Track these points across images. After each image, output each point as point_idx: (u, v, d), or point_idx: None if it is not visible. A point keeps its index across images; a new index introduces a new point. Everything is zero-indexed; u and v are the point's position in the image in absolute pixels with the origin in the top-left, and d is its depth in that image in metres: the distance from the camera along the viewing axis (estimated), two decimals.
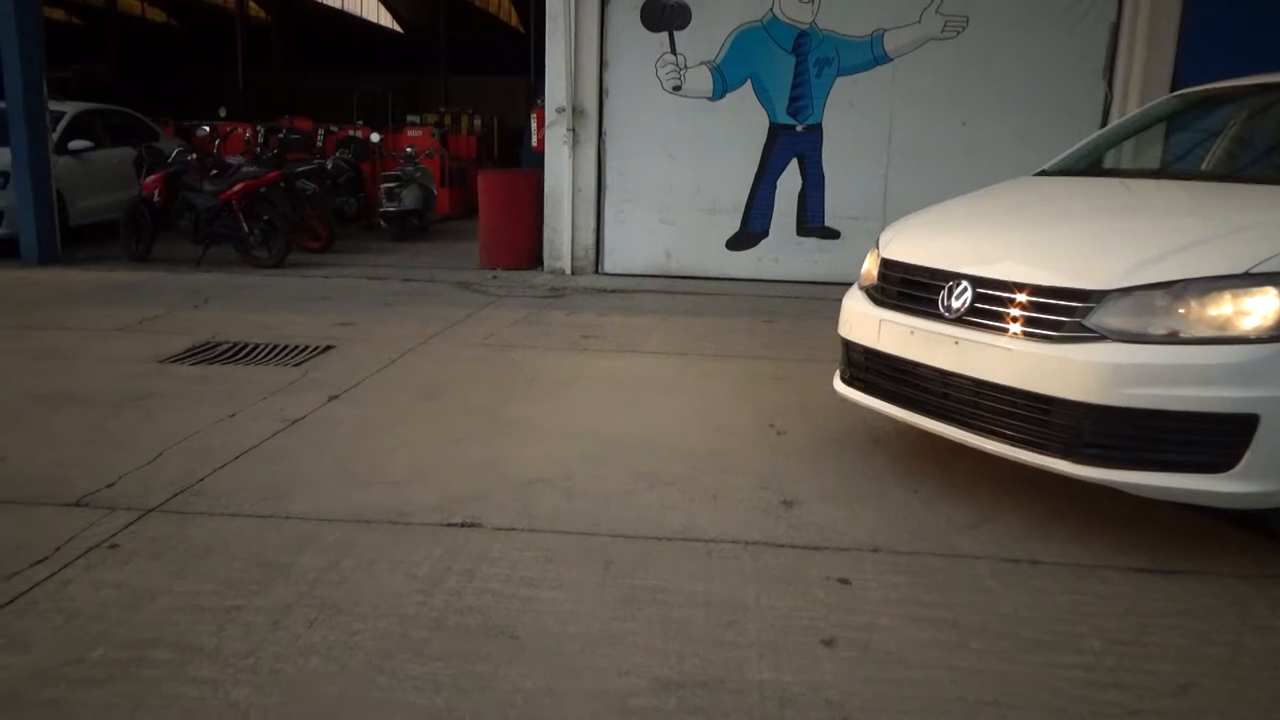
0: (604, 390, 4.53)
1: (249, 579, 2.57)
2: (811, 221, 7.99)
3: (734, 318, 6.46)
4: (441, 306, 6.55)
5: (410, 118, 15.54)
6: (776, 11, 7.81)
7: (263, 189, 8.17)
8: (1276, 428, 2.56)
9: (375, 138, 11.62)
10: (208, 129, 12.13)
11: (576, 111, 7.97)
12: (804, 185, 7.95)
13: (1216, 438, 2.61)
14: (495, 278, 7.85)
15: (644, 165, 8.06)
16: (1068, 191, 3.75)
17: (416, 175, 10.57)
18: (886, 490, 3.31)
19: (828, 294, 6.40)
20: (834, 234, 7.89)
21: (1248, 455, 2.57)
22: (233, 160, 9.14)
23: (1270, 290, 2.60)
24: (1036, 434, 2.84)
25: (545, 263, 8.20)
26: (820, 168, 7.91)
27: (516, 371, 4.86)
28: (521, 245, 8.31)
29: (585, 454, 3.61)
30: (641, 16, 7.92)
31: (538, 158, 8.31)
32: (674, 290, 7.49)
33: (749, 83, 7.91)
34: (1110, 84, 7.54)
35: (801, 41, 7.85)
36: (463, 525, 2.95)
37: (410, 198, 10.31)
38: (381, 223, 10.49)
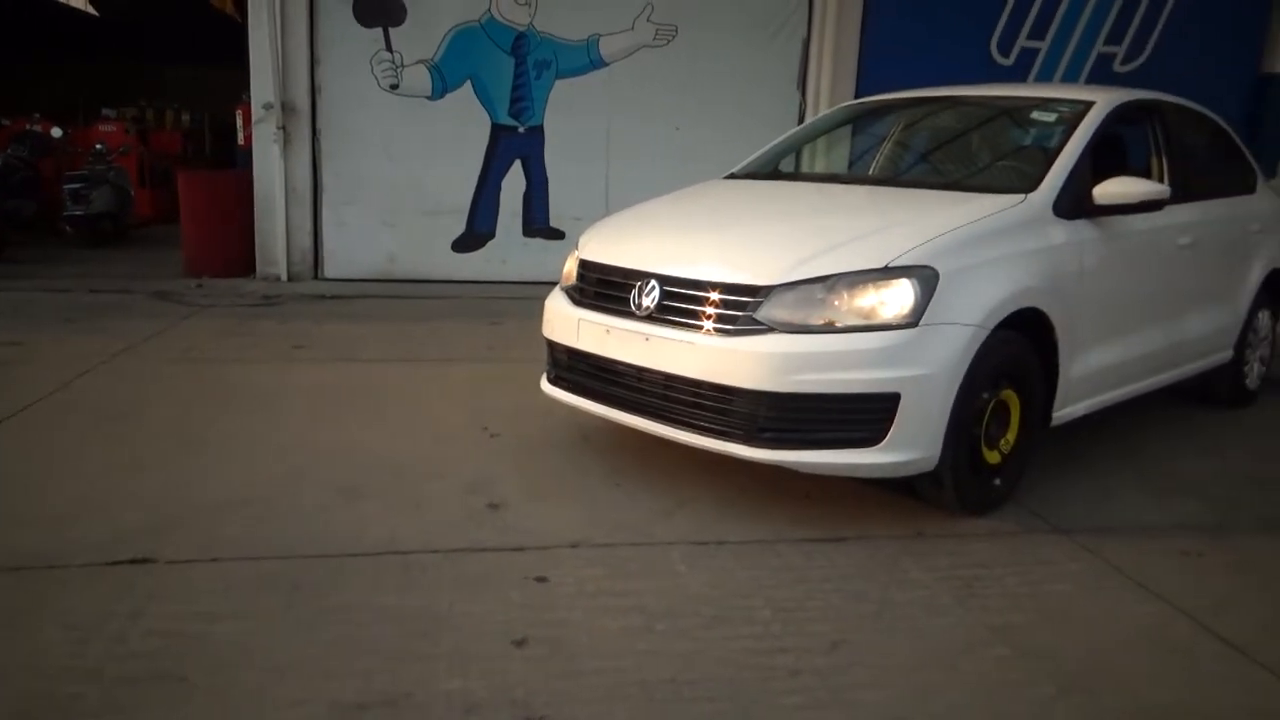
0: (312, 402, 4.31)
1: None
2: (537, 222, 8.06)
3: (458, 321, 6.39)
4: (134, 320, 5.95)
5: (106, 111, 14.00)
6: (494, 12, 7.79)
7: None
8: (914, 403, 2.89)
9: (57, 133, 10.35)
10: None
11: (287, 108, 7.53)
12: (528, 186, 8.01)
13: (868, 415, 2.90)
14: (200, 286, 7.25)
15: (363, 166, 7.76)
16: (749, 194, 4.03)
17: (109, 175, 9.54)
18: (591, 485, 3.39)
19: None
20: (559, 234, 8.00)
21: (893, 429, 2.89)
22: None
23: (905, 281, 2.93)
24: (721, 422, 3.02)
25: (258, 269, 7.68)
26: (544, 169, 8.00)
27: (216, 387, 4.51)
28: (231, 251, 7.73)
29: (284, 471, 3.42)
30: (354, 11, 7.62)
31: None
32: (398, 295, 7.28)
33: (469, 83, 7.83)
34: (804, 93, 8.20)
35: (520, 43, 7.88)
36: (133, 561, 2.69)
37: (101, 200, 9.30)
38: (67, 228, 9.36)
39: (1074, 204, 3.42)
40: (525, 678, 2.20)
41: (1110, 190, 3.45)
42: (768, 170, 4.39)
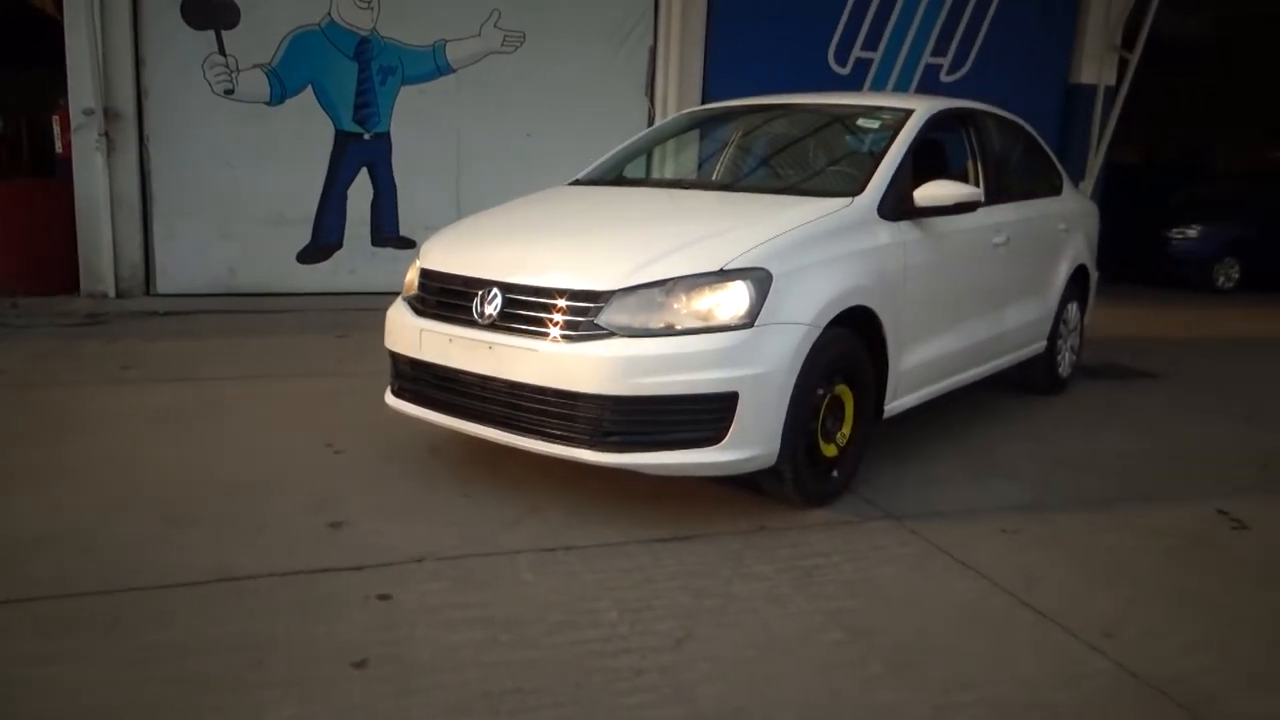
0: (141, 426, 4.07)
1: None
2: (387, 231, 7.87)
3: (304, 335, 6.17)
4: None
5: None
6: (335, 16, 7.56)
7: None
8: (752, 402, 2.98)
9: None
10: None
11: (110, 114, 7.06)
12: (376, 194, 7.81)
13: (708, 415, 2.97)
14: (15, 306, 6.71)
15: (198, 175, 7.38)
16: (591, 200, 4.06)
17: None
18: (439, 498, 3.34)
19: None
20: (410, 243, 7.82)
21: (733, 428, 2.97)
22: None
23: (739, 283, 3.02)
24: (566, 428, 3.03)
25: (83, 286, 7.18)
26: (391, 177, 7.82)
27: (32, 414, 4.19)
28: (51, 267, 7.20)
29: (106, 500, 3.21)
30: (182, 12, 7.24)
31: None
32: (239, 309, 6.96)
33: (310, 88, 7.58)
34: (652, 100, 8.34)
35: (363, 48, 7.68)
36: None
37: None
38: None
39: (897, 206, 3.61)
40: (365, 699, 2.14)
41: (929, 193, 3.67)
42: (611, 176, 4.44)
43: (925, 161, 3.95)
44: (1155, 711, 2.23)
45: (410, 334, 3.41)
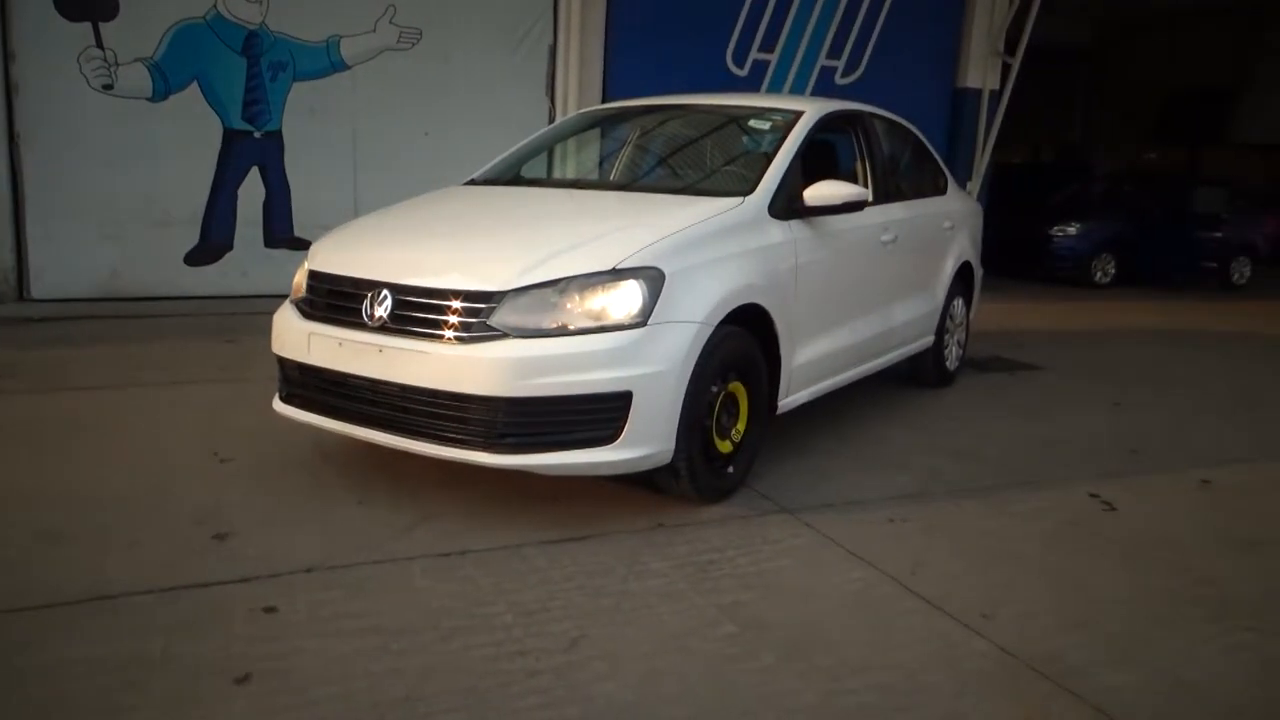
0: (11, 439, 3.86)
1: None
2: (280, 232, 7.64)
3: (191, 339, 5.94)
4: None
5: None
6: (221, 9, 7.29)
7: None
8: (646, 400, 3.00)
9: None
10: None
11: None
12: (268, 194, 7.57)
13: (603, 415, 2.98)
14: None
15: (76, 174, 7.01)
16: (486, 200, 4.03)
17: None
18: (332, 506, 3.26)
19: None
20: (305, 244, 7.49)
21: (628, 426, 2.99)
22: None
23: (632, 282, 3.04)
24: (460, 431, 3.00)
25: None
26: (284, 176, 7.59)
27: None
28: None
29: None
30: (56, 3, 6.87)
31: None
32: (123, 314, 6.66)
33: (196, 84, 7.29)
34: (553, 99, 8.31)
35: (252, 43, 7.44)
36: None
37: None
38: None
39: (787, 205, 3.69)
40: (246, 715, 2.08)
41: (818, 193, 3.75)
42: (507, 176, 4.41)
43: (816, 162, 4.05)
44: (1028, 688, 2.34)
45: (298, 338, 3.32)
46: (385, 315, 3.09)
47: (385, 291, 3.12)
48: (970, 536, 3.25)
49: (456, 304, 3.01)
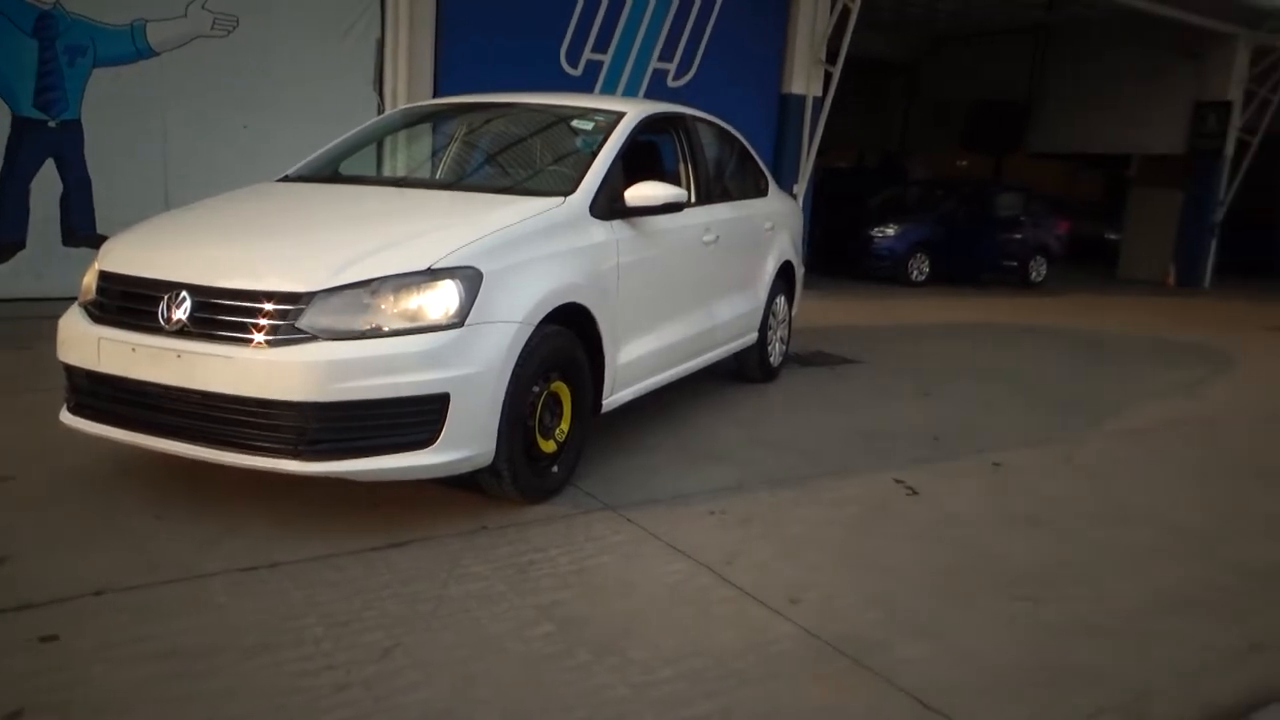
0: None
1: None
2: (80, 230, 7.07)
3: None
4: None
5: None
6: None
7: None
8: (464, 402, 2.97)
9: None
10: None
11: None
12: (66, 189, 6.98)
13: (419, 417, 2.93)
14: None
15: None
16: (300, 197, 3.87)
17: None
18: (126, 523, 3.05)
19: None
20: None
21: (446, 429, 2.94)
22: None
23: (449, 282, 3.00)
24: (268, 438, 2.87)
25: None
26: (84, 169, 7.02)
27: None
28: None
29: None
30: None
31: None
32: None
33: None
34: (381, 94, 8.07)
35: (45, 24, 6.84)
36: None
37: None
38: None
39: (608, 205, 3.74)
40: None
41: (638, 193, 3.82)
42: (325, 173, 4.26)
43: (641, 162, 4.12)
44: (830, 666, 2.46)
45: (87, 344, 3.09)
46: (184, 318, 2.92)
47: (184, 293, 2.95)
48: (783, 525, 3.40)
49: (263, 306, 2.87)
